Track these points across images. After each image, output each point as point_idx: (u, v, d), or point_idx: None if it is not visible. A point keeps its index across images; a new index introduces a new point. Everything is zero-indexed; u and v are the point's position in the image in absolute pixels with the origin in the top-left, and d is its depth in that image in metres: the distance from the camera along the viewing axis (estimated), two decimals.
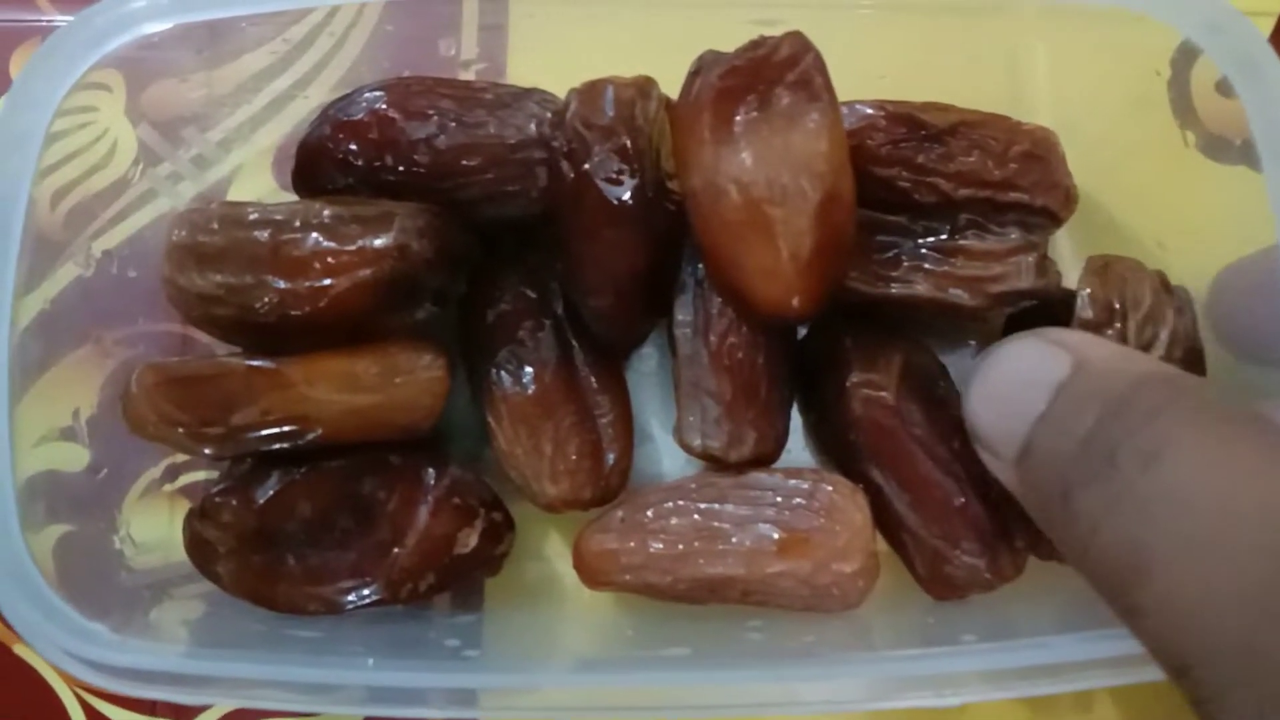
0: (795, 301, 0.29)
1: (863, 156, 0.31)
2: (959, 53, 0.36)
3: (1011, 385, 0.20)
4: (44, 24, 0.40)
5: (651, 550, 0.31)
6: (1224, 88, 0.30)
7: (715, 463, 0.32)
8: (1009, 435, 0.19)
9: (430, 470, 0.32)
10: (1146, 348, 0.29)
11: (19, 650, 0.35)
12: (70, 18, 0.32)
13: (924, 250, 0.32)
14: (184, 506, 0.32)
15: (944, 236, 0.32)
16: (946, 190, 0.32)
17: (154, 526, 0.34)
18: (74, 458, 0.33)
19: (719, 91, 0.29)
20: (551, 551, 0.35)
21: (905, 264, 0.32)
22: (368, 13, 0.37)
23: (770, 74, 0.29)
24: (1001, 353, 0.21)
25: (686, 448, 0.32)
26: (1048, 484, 0.18)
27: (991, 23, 0.36)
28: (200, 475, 0.35)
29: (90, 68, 0.31)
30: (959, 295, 0.31)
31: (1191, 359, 0.30)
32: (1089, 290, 0.30)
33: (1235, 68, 0.29)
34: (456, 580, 0.32)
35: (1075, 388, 0.18)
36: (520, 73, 0.37)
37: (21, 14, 0.40)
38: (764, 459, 0.33)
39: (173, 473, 0.35)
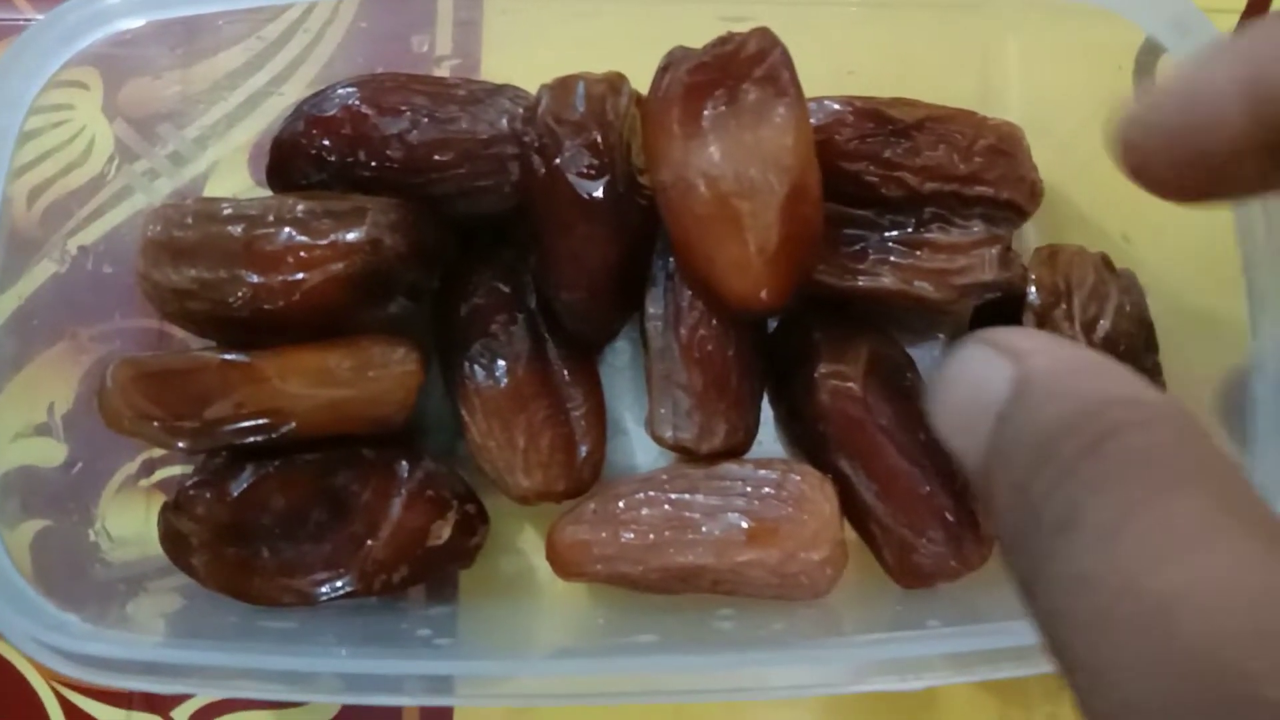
0: (763, 294, 0.30)
1: (830, 151, 0.32)
2: (929, 49, 0.36)
3: (961, 402, 0.18)
4: (21, 22, 0.40)
5: (623, 540, 0.31)
6: None
7: (687, 454, 0.33)
8: (967, 456, 0.17)
9: (404, 463, 0.32)
10: (1091, 324, 0.30)
11: None
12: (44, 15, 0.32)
13: (890, 243, 0.32)
14: (160, 501, 0.32)
15: (910, 230, 0.32)
16: (913, 184, 0.32)
17: (130, 521, 0.34)
18: (50, 453, 0.33)
19: (687, 87, 0.30)
20: (525, 544, 0.35)
21: (872, 257, 0.32)
22: (343, 10, 0.37)
23: (738, 69, 0.29)
24: (952, 362, 0.19)
25: (658, 440, 0.33)
26: (996, 529, 0.16)
27: (962, 19, 0.36)
28: (176, 470, 0.35)
29: (64, 65, 0.31)
30: (924, 288, 0.32)
31: (1139, 333, 0.31)
32: (1035, 276, 0.31)
33: None
34: (430, 572, 0.32)
35: (1013, 421, 0.16)
36: (494, 69, 0.37)
37: (1, 13, 0.40)
38: (735, 450, 0.33)
39: (149, 468, 0.35)
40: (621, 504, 0.32)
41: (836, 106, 0.32)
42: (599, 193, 0.31)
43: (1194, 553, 0.12)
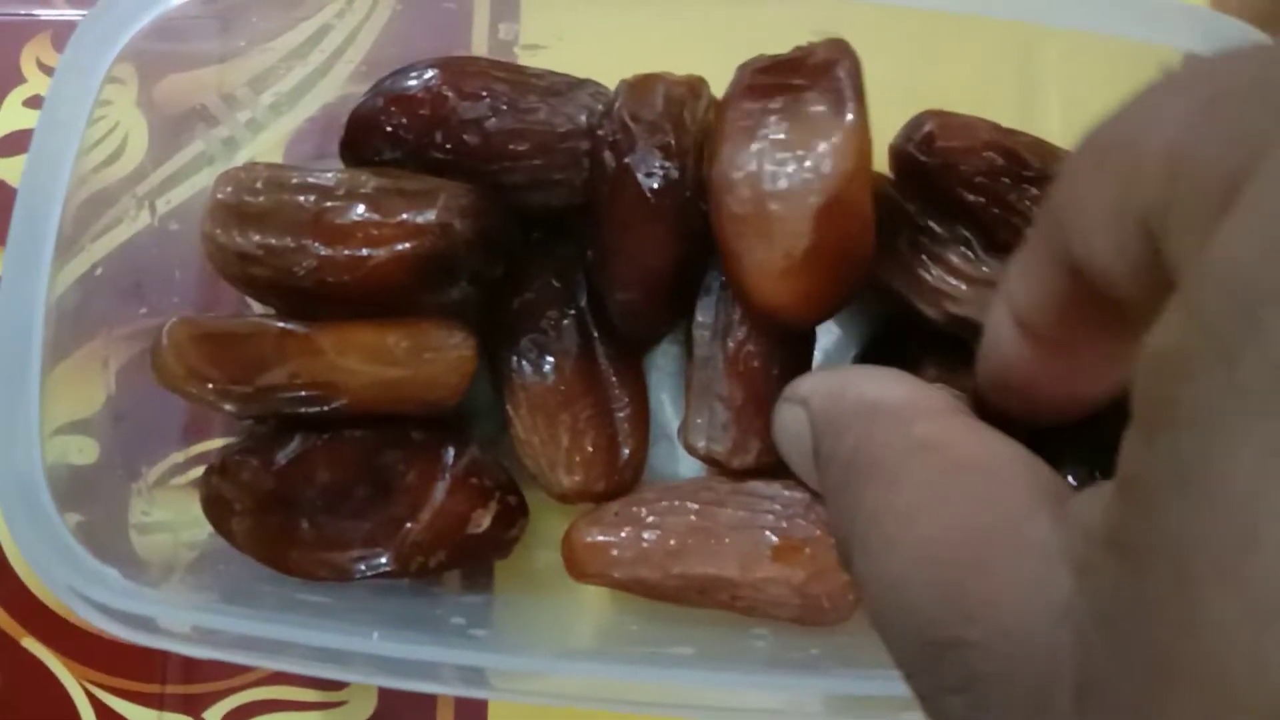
0: (785, 300, 0.29)
1: (953, 177, 0.31)
2: (969, 64, 0.35)
3: (793, 452, 0.22)
4: (55, 19, 0.40)
5: (644, 544, 0.31)
6: None
7: (718, 467, 0.33)
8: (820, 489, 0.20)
9: (450, 449, 0.32)
10: None
11: (27, 644, 0.35)
12: (81, 12, 0.31)
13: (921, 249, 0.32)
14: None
15: (938, 241, 0.32)
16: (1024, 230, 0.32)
17: (173, 498, 0.34)
18: (101, 410, 0.33)
19: (749, 87, 0.30)
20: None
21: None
22: (381, 4, 0.37)
23: (802, 75, 0.29)
24: (775, 420, 0.24)
25: (690, 449, 0.33)
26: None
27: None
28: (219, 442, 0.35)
29: (125, 45, 0.31)
30: (924, 305, 0.31)
31: None
32: None
33: None
34: (467, 559, 0.32)
35: (820, 456, 0.19)
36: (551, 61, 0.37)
37: (32, 8, 0.40)
38: (766, 469, 0.32)
39: (198, 431, 0.35)
40: (644, 509, 0.32)
41: (969, 139, 0.31)
42: (665, 194, 0.31)
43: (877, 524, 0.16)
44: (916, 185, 0.32)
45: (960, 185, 0.31)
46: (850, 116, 0.28)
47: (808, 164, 0.28)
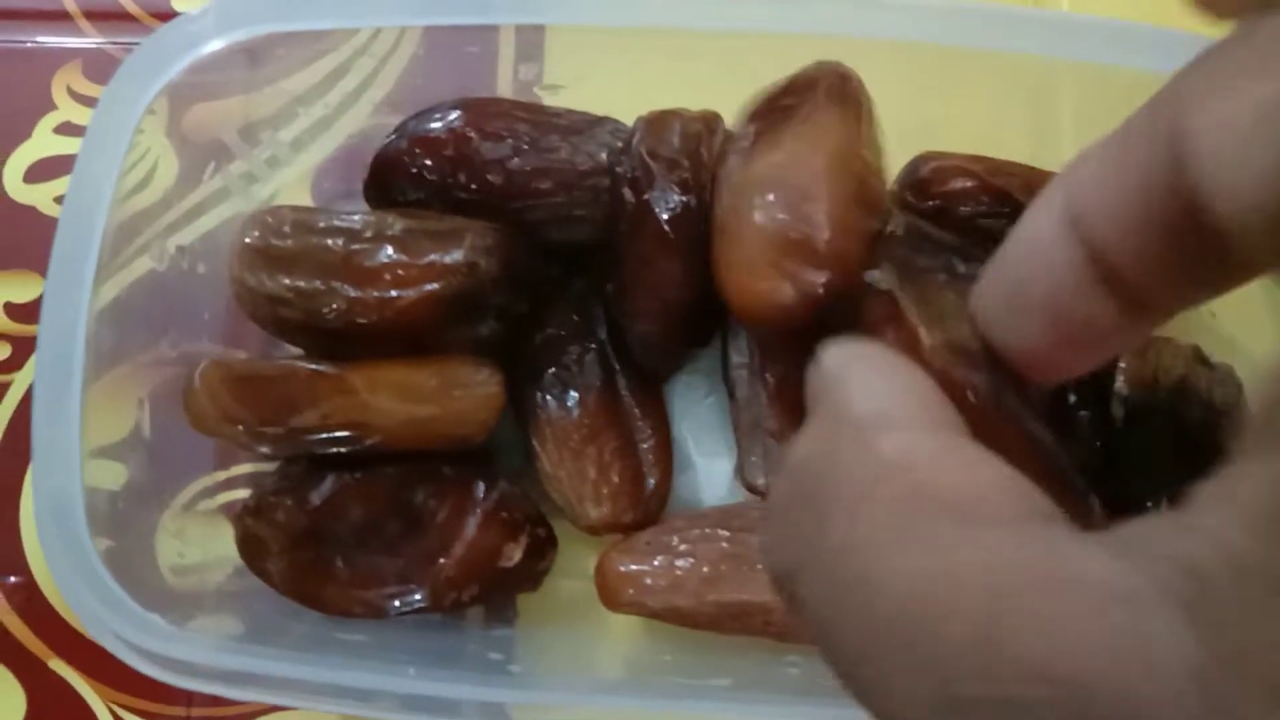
0: (758, 297, 0.29)
1: (950, 219, 0.32)
2: (988, 98, 0.36)
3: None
4: (87, 47, 0.40)
5: (678, 572, 0.32)
6: None
7: None
8: None
9: (480, 483, 0.32)
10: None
11: (54, 665, 0.35)
12: (111, 39, 0.32)
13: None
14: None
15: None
16: None
17: (201, 527, 0.34)
18: (130, 435, 0.33)
19: (750, 113, 0.31)
20: (588, 571, 0.35)
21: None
22: (405, 41, 0.37)
23: (790, 95, 0.30)
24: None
25: (751, 488, 0.33)
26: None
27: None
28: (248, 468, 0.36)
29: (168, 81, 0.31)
30: None
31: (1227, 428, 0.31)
32: (1125, 365, 0.31)
33: None
34: (498, 593, 0.33)
35: None
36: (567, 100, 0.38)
37: (63, 36, 0.40)
38: None
39: (225, 465, 0.35)
40: (676, 537, 0.32)
41: (964, 183, 0.32)
42: (683, 229, 0.31)
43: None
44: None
45: (955, 229, 0.32)
46: (821, 125, 0.29)
47: (775, 159, 0.29)
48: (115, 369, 0.33)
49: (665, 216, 0.31)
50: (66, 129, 0.40)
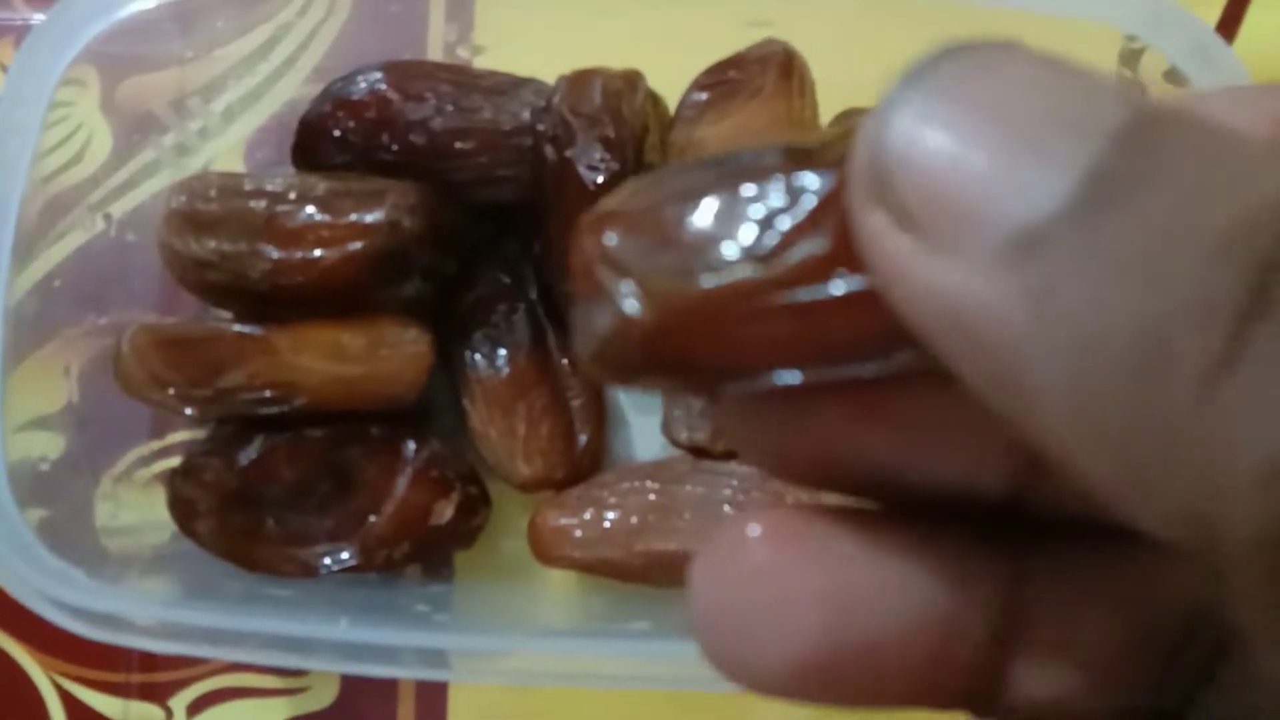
0: None
1: None
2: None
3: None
4: (18, 22, 0.40)
5: (606, 525, 0.32)
6: (1172, 77, 0.31)
7: (703, 455, 0.33)
8: None
9: (410, 443, 0.32)
10: None
11: None
12: (43, 14, 0.32)
13: None
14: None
15: None
16: None
17: (138, 494, 0.34)
18: (64, 408, 0.34)
19: (695, 84, 0.32)
20: (523, 529, 0.36)
21: None
22: (337, 9, 0.37)
23: (736, 68, 0.32)
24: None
25: (674, 441, 0.33)
26: None
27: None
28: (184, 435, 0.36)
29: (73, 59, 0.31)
30: None
31: None
32: None
33: (1185, 57, 0.30)
34: (431, 551, 0.33)
35: None
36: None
37: None
38: None
39: (161, 434, 0.36)
40: (606, 491, 0.33)
41: None
42: (607, 186, 0.32)
43: None
44: None
45: None
46: (758, 99, 0.30)
47: (723, 126, 0.30)
48: (50, 342, 0.33)
49: (588, 173, 0.32)
50: None
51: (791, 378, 0.11)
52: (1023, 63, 0.09)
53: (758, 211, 0.10)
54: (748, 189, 0.10)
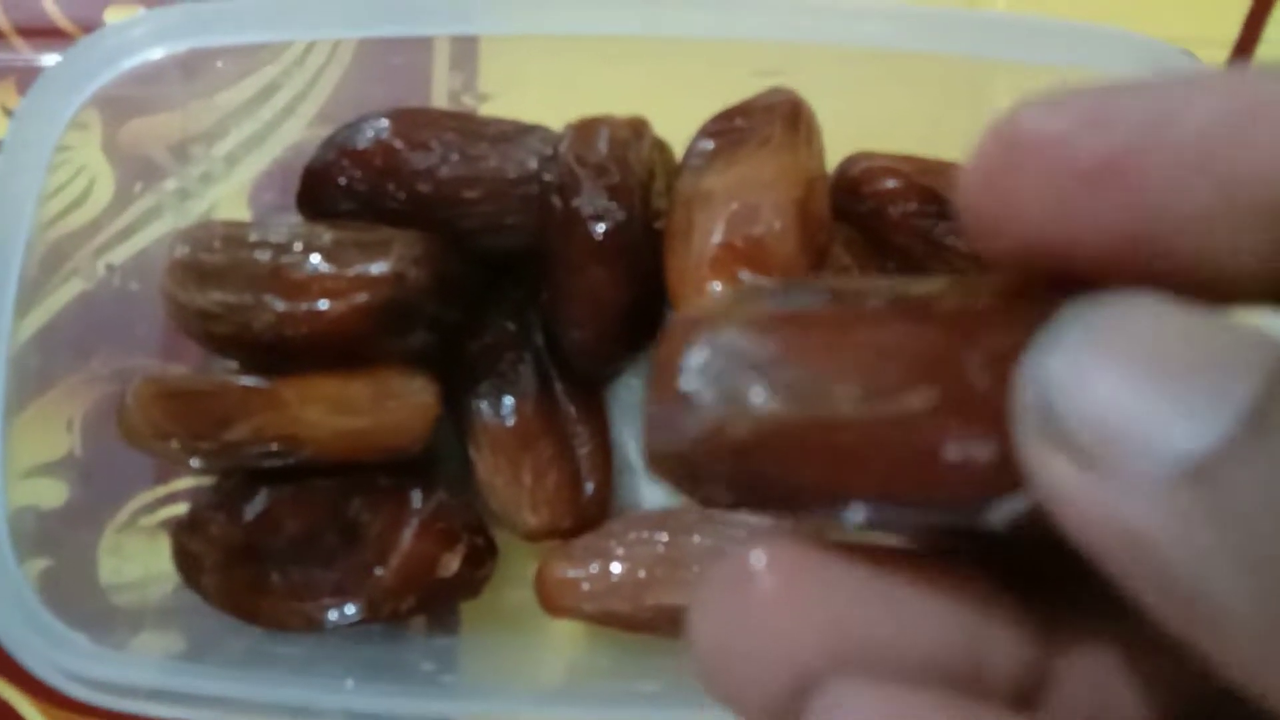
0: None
1: (883, 223, 0.33)
2: (931, 102, 0.36)
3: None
4: (20, 64, 0.40)
5: (614, 578, 0.32)
6: None
7: (711, 504, 0.33)
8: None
9: (416, 493, 0.32)
10: None
11: None
12: (44, 55, 0.32)
13: None
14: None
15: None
16: (961, 267, 0.33)
17: (142, 543, 0.34)
18: (66, 455, 0.33)
19: (704, 130, 0.32)
20: (530, 579, 0.35)
21: None
22: (340, 54, 0.37)
23: (743, 117, 0.31)
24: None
25: (658, 479, 0.33)
26: None
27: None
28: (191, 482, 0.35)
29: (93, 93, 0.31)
30: None
31: None
32: None
33: None
34: (437, 603, 0.33)
35: None
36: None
37: None
38: None
39: (165, 480, 0.35)
40: (613, 542, 0.32)
41: (891, 182, 0.33)
42: (613, 235, 0.32)
43: None
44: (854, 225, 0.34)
45: (888, 229, 0.33)
46: (769, 145, 0.30)
47: (730, 175, 0.30)
48: (53, 389, 0.33)
49: (594, 222, 0.31)
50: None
51: (877, 514, 0.11)
52: (1160, 310, 0.10)
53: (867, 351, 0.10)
54: (861, 333, 0.11)
